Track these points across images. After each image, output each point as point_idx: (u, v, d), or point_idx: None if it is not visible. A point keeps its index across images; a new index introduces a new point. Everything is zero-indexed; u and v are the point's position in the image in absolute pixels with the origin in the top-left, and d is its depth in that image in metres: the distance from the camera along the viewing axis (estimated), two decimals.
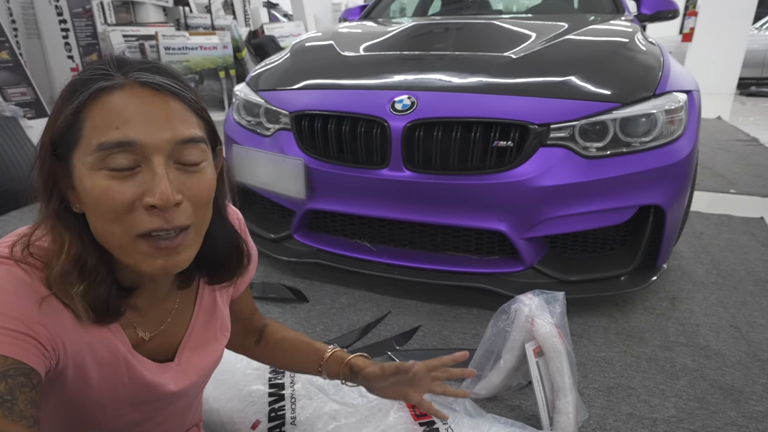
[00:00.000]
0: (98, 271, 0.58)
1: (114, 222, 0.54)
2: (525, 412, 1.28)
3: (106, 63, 0.56)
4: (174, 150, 0.55)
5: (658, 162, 1.49)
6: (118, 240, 0.55)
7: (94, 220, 0.55)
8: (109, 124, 0.53)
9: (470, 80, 1.62)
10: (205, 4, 5.75)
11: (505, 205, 1.50)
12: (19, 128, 2.92)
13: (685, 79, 1.70)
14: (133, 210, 0.54)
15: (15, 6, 3.32)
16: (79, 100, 0.53)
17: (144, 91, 0.55)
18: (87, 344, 0.60)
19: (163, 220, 0.55)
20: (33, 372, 0.51)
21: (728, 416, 1.26)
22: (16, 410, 0.48)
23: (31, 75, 3.23)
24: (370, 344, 1.56)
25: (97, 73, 0.55)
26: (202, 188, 0.58)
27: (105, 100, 0.53)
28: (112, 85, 0.54)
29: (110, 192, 0.53)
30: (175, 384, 0.72)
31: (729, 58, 6.85)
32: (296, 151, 1.69)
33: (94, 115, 0.53)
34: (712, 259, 2.08)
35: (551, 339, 1.15)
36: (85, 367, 0.61)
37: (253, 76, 2.03)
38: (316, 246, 1.80)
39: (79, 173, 0.54)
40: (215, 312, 0.78)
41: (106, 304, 0.59)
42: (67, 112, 0.54)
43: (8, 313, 0.52)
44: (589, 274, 1.60)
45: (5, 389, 0.48)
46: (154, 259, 0.56)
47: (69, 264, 0.56)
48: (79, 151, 0.54)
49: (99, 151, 0.52)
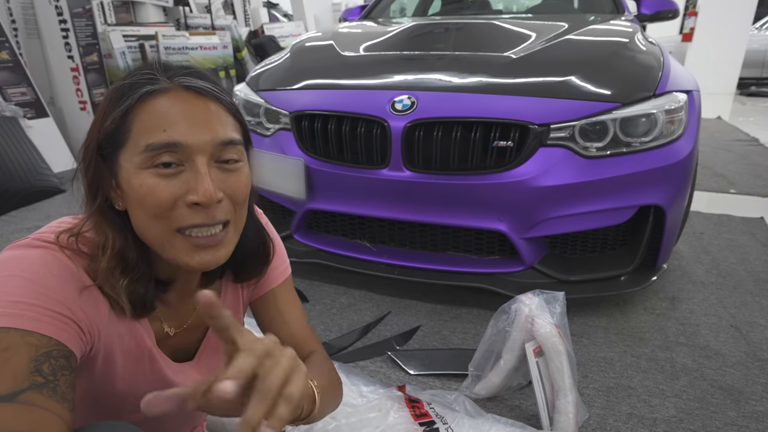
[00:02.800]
0: (139, 266, 0.61)
1: (157, 218, 0.57)
2: (525, 412, 1.28)
3: (153, 68, 0.60)
4: (215, 150, 0.59)
5: (658, 162, 1.49)
6: (159, 235, 0.58)
7: (138, 216, 0.58)
8: (156, 126, 0.56)
9: (470, 80, 1.62)
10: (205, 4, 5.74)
11: (505, 205, 1.50)
12: (19, 128, 2.92)
13: (685, 79, 1.70)
14: (175, 207, 0.57)
15: (15, 6, 3.32)
16: (128, 103, 0.57)
17: (188, 95, 0.58)
18: (118, 334, 0.62)
19: (206, 216, 0.58)
20: (72, 355, 0.53)
21: (728, 416, 1.26)
22: (59, 391, 0.49)
23: (31, 75, 3.23)
24: (370, 344, 1.56)
25: (144, 78, 0.58)
26: (240, 186, 0.61)
27: (152, 103, 0.57)
28: (159, 88, 0.58)
29: (156, 189, 0.56)
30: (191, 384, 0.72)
31: (729, 58, 6.86)
32: (296, 151, 1.69)
33: (142, 117, 0.56)
34: (712, 259, 2.08)
35: (551, 339, 1.15)
36: (113, 356, 0.63)
37: (253, 76, 2.03)
38: (316, 246, 1.80)
39: (126, 172, 0.57)
40: (237, 313, 0.80)
41: (144, 299, 0.62)
42: (115, 115, 0.57)
43: (52, 295, 0.53)
44: (589, 274, 1.60)
45: (48, 370, 0.49)
46: (194, 255, 0.59)
47: (113, 259, 0.59)
48: (127, 151, 0.57)
49: (147, 151, 0.56)
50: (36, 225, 2.52)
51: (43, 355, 0.50)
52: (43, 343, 0.51)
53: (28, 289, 0.52)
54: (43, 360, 0.50)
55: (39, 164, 2.93)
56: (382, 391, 1.23)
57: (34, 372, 0.48)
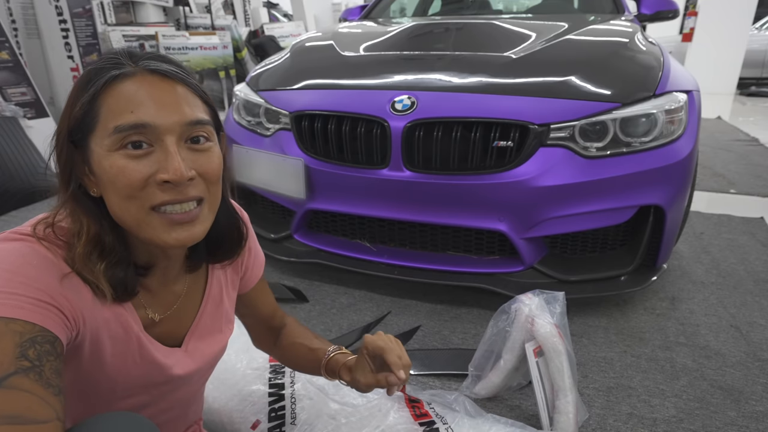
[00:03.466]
0: (116, 250, 0.61)
1: (129, 199, 0.58)
2: (525, 412, 1.28)
3: (118, 54, 0.61)
4: (184, 131, 0.60)
5: (658, 162, 1.49)
6: (134, 215, 0.59)
7: (111, 198, 0.59)
8: (124, 108, 0.57)
9: (470, 80, 1.62)
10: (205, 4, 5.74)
11: (505, 205, 1.50)
12: (19, 128, 2.92)
13: (685, 79, 1.70)
14: (147, 186, 0.58)
15: (15, 6, 3.32)
16: (95, 87, 0.57)
17: (154, 78, 0.59)
18: (103, 320, 0.63)
19: (177, 192, 0.59)
20: (57, 341, 0.54)
21: (728, 416, 1.26)
22: (44, 376, 0.50)
23: (31, 75, 3.23)
24: None
25: (109, 63, 0.59)
26: (212, 165, 0.63)
27: (119, 86, 0.58)
28: (125, 72, 0.58)
29: (126, 170, 0.57)
30: (181, 368, 0.75)
31: (729, 58, 6.85)
32: (296, 151, 1.69)
33: (109, 101, 0.57)
34: (712, 259, 2.08)
35: (551, 339, 1.15)
36: (100, 342, 0.63)
37: (253, 76, 2.03)
38: (316, 246, 1.80)
39: (97, 156, 0.58)
40: (221, 304, 0.81)
41: (124, 282, 0.62)
42: (83, 100, 0.58)
43: (32, 284, 0.54)
44: (589, 274, 1.60)
45: (34, 355, 0.50)
46: (170, 232, 0.60)
47: (89, 244, 0.59)
48: (97, 135, 0.58)
49: (116, 133, 0.56)
50: None
51: (28, 341, 0.51)
52: (27, 329, 0.51)
53: (8, 279, 0.53)
54: (28, 345, 0.50)
55: (39, 164, 2.93)
56: (382, 391, 1.23)
57: (20, 357, 0.49)
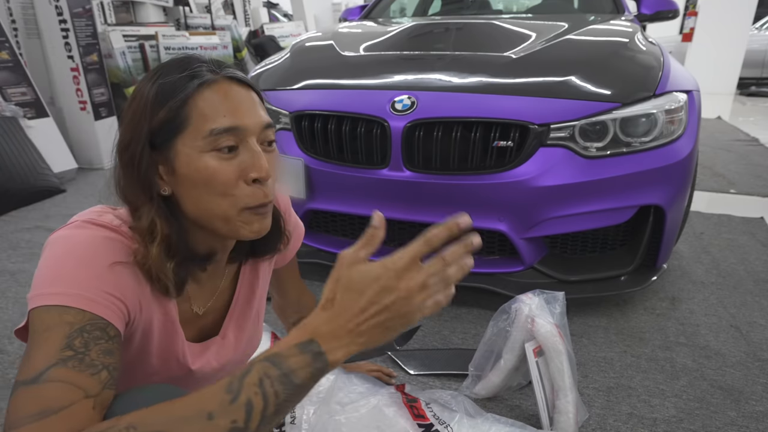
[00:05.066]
0: (180, 248, 0.66)
1: (222, 196, 0.63)
2: (525, 412, 1.28)
3: (201, 62, 0.65)
4: (261, 133, 0.65)
5: (658, 162, 1.49)
6: (225, 211, 0.63)
7: (199, 197, 0.63)
8: (216, 112, 0.62)
9: (470, 80, 1.62)
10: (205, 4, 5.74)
11: (505, 205, 1.50)
12: (19, 128, 2.92)
13: (685, 79, 1.70)
14: (237, 186, 0.63)
15: (15, 6, 3.31)
16: (185, 93, 0.62)
17: (233, 84, 0.65)
18: (155, 312, 0.67)
19: (264, 195, 0.64)
20: (110, 326, 0.57)
21: (728, 416, 1.26)
22: (87, 361, 0.53)
23: (31, 75, 3.23)
24: None
25: (192, 70, 0.64)
26: (277, 165, 0.69)
27: (208, 92, 0.62)
28: (210, 79, 0.63)
29: (220, 170, 0.62)
30: (217, 359, 0.78)
31: (729, 58, 6.86)
32: (296, 151, 1.69)
33: (201, 105, 0.62)
34: (712, 259, 2.08)
35: (551, 339, 1.15)
36: (151, 332, 0.67)
37: (253, 76, 2.03)
38: (316, 246, 1.80)
39: (186, 157, 0.62)
40: (254, 292, 0.85)
41: (184, 280, 0.67)
42: (172, 105, 0.61)
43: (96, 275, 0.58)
44: (589, 274, 1.60)
45: (80, 343, 0.54)
46: (251, 224, 0.65)
47: (162, 244, 0.63)
48: (186, 137, 0.62)
49: (211, 135, 0.61)
50: (36, 225, 2.52)
51: (77, 331, 0.54)
52: (78, 319, 0.55)
53: (74, 268, 0.57)
54: (76, 335, 0.54)
55: (39, 164, 2.93)
56: (382, 391, 1.23)
57: (65, 348, 0.53)
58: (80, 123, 3.49)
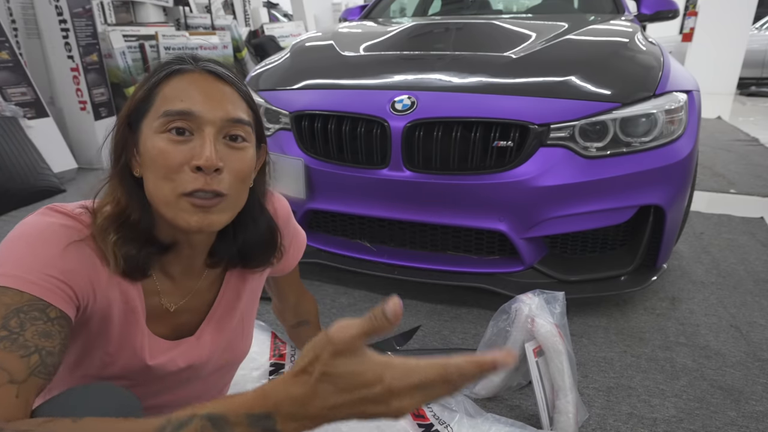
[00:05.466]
0: (135, 227, 0.66)
1: (165, 179, 0.63)
2: (525, 412, 1.28)
3: (184, 56, 0.68)
4: (223, 126, 0.65)
5: (658, 162, 1.49)
6: (165, 195, 0.63)
7: (149, 177, 0.64)
8: (175, 96, 0.64)
9: (470, 80, 1.62)
10: (205, 4, 5.74)
11: (505, 205, 1.50)
12: (19, 128, 2.92)
13: (685, 79, 1.70)
14: (181, 171, 0.62)
15: (15, 6, 3.31)
16: (156, 77, 0.65)
17: (208, 77, 0.66)
18: (115, 299, 0.67)
19: (204, 182, 0.63)
20: (50, 307, 0.57)
21: (728, 416, 1.26)
22: (20, 341, 0.53)
23: (31, 75, 3.23)
24: (370, 344, 1.55)
25: (174, 60, 0.67)
26: (241, 164, 0.67)
27: (176, 79, 0.65)
28: (184, 68, 0.66)
29: (166, 152, 0.62)
30: (184, 359, 0.76)
31: (729, 58, 6.85)
32: (296, 151, 1.69)
33: (165, 90, 0.64)
34: (712, 259, 2.08)
35: (551, 339, 1.15)
36: (110, 318, 0.67)
37: (253, 76, 2.03)
38: (316, 246, 1.80)
39: (145, 136, 0.64)
40: (239, 299, 0.83)
41: (135, 259, 0.66)
42: (145, 87, 0.65)
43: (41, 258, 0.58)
44: (589, 274, 1.60)
45: (16, 324, 0.54)
46: (191, 215, 0.63)
47: (111, 217, 0.65)
48: (149, 118, 0.64)
49: (164, 116, 0.63)
50: None
51: (13, 311, 0.54)
52: (15, 300, 0.55)
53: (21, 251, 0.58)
54: (11, 316, 0.54)
55: (39, 164, 2.93)
56: None
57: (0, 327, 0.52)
58: (80, 123, 3.49)
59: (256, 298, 0.89)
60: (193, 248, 0.72)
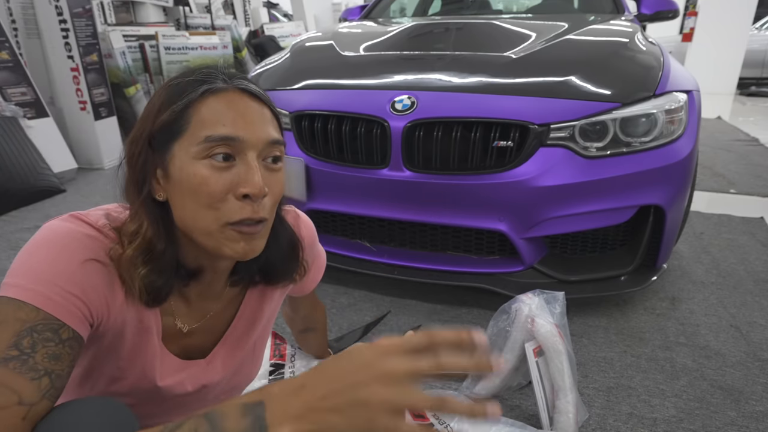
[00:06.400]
0: (163, 257, 0.63)
1: (208, 208, 0.60)
2: (525, 412, 1.28)
3: (211, 69, 0.64)
4: (264, 149, 0.62)
5: (658, 162, 1.49)
6: (208, 225, 0.61)
7: (186, 205, 0.61)
8: (216, 120, 0.60)
9: (470, 80, 1.62)
10: (205, 4, 5.75)
11: (505, 205, 1.50)
12: (19, 128, 2.92)
13: (685, 79, 1.70)
14: (225, 199, 0.60)
15: (15, 6, 3.31)
16: (189, 97, 0.60)
17: (243, 96, 0.63)
18: (130, 318, 0.65)
19: (252, 211, 0.61)
20: (64, 327, 0.55)
21: (728, 416, 1.26)
22: (30, 363, 0.51)
23: (31, 75, 3.23)
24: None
25: (203, 77, 0.63)
26: (280, 186, 0.66)
27: (212, 99, 0.61)
28: (218, 87, 0.62)
29: (210, 180, 0.59)
30: (192, 383, 0.75)
31: (729, 58, 6.85)
32: (296, 151, 1.69)
33: (202, 111, 0.60)
34: (712, 259, 2.08)
35: (551, 339, 1.15)
36: (123, 337, 0.65)
37: (253, 76, 2.03)
38: None
39: (180, 161, 0.60)
40: (257, 322, 0.81)
41: (159, 289, 0.64)
42: (175, 108, 0.60)
43: (62, 272, 0.57)
44: (589, 274, 1.60)
45: (28, 344, 0.52)
46: (236, 243, 0.61)
47: (140, 248, 0.61)
48: (183, 141, 0.60)
49: (205, 142, 0.59)
50: (36, 225, 2.52)
51: (27, 330, 0.53)
52: (31, 317, 0.53)
53: (40, 263, 0.56)
54: (25, 335, 0.52)
55: (39, 164, 2.93)
56: None
57: (12, 347, 0.51)
58: (80, 123, 3.49)
59: (270, 323, 0.88)
60: (216, 273, 0.71)
